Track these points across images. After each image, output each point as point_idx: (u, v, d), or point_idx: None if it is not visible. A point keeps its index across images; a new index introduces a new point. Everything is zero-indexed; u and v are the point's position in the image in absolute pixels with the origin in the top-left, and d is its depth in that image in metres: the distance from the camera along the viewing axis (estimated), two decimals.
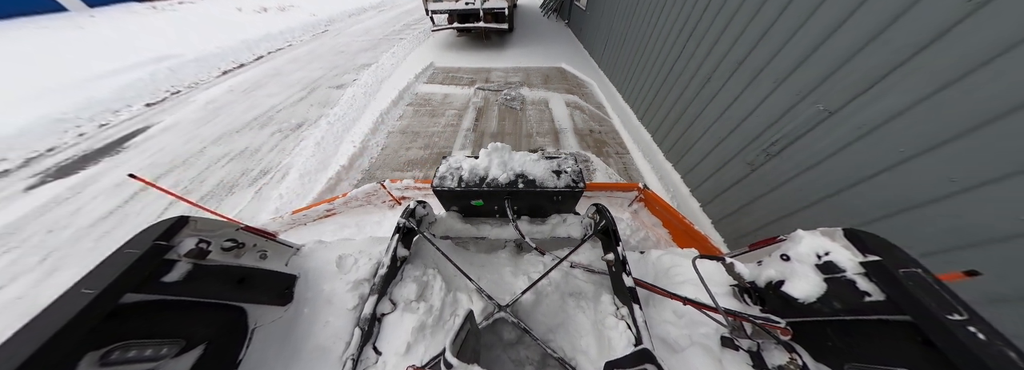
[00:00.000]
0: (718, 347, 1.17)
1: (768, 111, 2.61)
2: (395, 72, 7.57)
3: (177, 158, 4.87)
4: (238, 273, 1.23)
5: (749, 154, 2.82)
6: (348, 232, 2.95)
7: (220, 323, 1.20)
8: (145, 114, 6.14)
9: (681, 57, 3.90)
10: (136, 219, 3.79)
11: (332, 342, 1.30)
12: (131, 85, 6.78)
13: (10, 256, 3.27)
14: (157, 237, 1.01)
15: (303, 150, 4.86)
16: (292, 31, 11.44)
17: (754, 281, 1.24)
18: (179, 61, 8.04)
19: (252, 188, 4.19)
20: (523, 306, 1.53)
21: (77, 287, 0.84)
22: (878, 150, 1.87)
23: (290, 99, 6.60)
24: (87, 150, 5.06)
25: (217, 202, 4.04)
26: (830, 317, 1.01)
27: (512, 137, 5.10)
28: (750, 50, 2.78)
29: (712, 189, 3.35)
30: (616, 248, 1.42)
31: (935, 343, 0.74)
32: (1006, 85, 1.41)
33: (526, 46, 9.38)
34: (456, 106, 6.03)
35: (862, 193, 1.99)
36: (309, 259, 1.55)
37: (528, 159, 1.76)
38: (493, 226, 1.93)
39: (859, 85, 1.96)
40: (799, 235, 1.13)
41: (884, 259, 0.90)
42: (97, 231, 3.59)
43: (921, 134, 1.70)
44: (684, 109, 3.83)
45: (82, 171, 4.58)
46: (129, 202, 4.00)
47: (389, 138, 5.08)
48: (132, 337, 0.94)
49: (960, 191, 1.57)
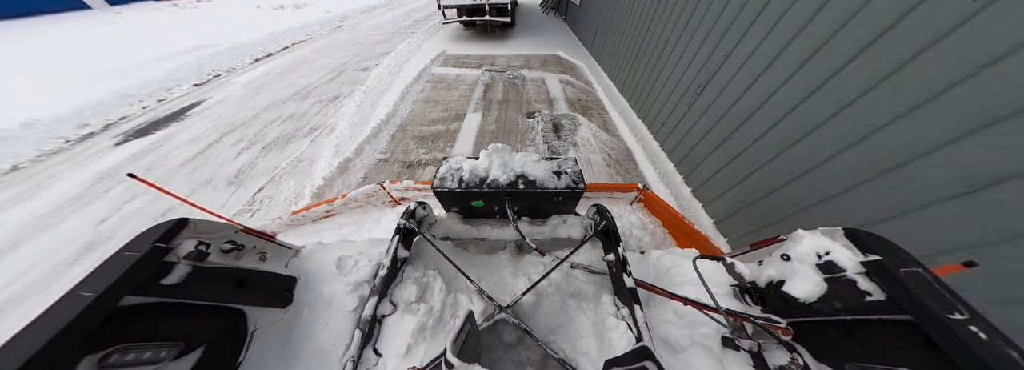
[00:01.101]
0: (719, 347, 1.17)
1: (695, 64, 3.75)
2: (412, 58, 8.62)
3: (236, 121, 5.90)
4: (237, 275, 1.23)
5: (687, 96, 3.96)
6: (347, 231, 2.95)
7: (219, 325, 1.19)
8: (195, 92, 7.22)
9: (648, 35, 5.06)
10: (216, 161, 4.85)
11: (332, 344, 1.30)
12: (178, 68, 7.84)
13: (118, 190, 4.29)
14: (156, 239, 1.00)
15: (346, 112, 6.01)
16: (310, 26, 12.33)
17: (755, 281, 1.24)
18: (216, 50, 9.11)
19: (307, 138, 5.26)
20: (524, 307, 1.53)
21: (75, 290, 0.83)
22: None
23: (322, 79, 7.69)
24: (154, 118, 6.15)
25: (280, 149, 5.07)
26: (831, 317, 1.01)
27: (515, 104, 6.24)
28: (688, 21, 3.92)
29: (665, 130, 4.50)
30: (616, 249, 1.42)
31: (936, 342, 0.74)
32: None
33: (526, 38, 10.50)
34: (467, 83, 7.12)
35: (759, 119, 2.86)
36: (309, 261, 1.54)
37: (528, 160, 1.76)
38: (493, 227, 1.93)
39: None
40: (799, 235, 1.13)
41: (885, 259, 0.90)
42: (186, 169, 4.65)
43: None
44: (648, 73, 5.04)
45: (157, 132, 5.64)
46: (206, 150, 5.09)
47: (414, 104, 6.18)
48: (131, 340, 0.94)
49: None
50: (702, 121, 3.64)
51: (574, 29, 10.69)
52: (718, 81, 3.36)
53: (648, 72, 5.01)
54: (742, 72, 3.02)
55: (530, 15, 13.45)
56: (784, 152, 2.55)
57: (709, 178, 3.51)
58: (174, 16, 13.17)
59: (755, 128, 2.86)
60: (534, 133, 5.22)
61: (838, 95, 2.14)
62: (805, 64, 2.36)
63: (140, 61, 8.18)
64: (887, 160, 1.87)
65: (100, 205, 3.99)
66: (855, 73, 2.04)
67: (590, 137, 4.92)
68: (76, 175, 4.51)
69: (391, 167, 4.39)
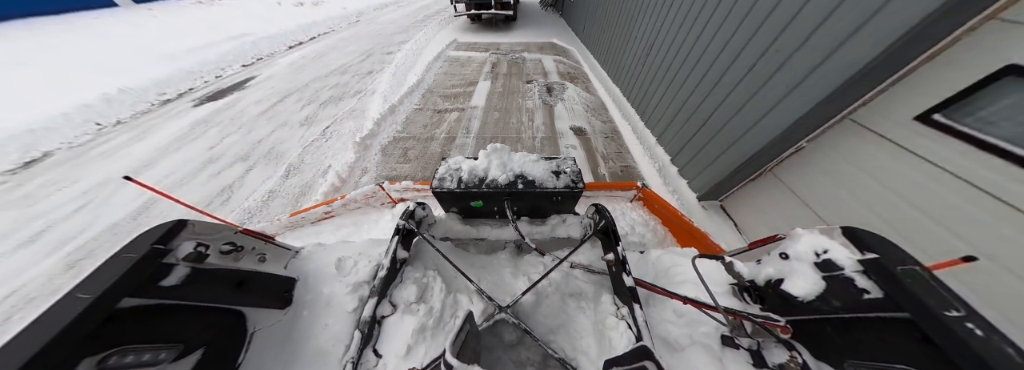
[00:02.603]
0: (719, 346, 1.17)
1: (646, 38, 5.26)
2: (429, 45, 10.09)
3: (290, 89, 7.19)
4: (237, 276, 1.22)
5: (639, 58, 5.51)
6: (346, 232, 2.94)
7: (219, 327, 1.19)
8: (245, 71, 8.51)
9: (619, 21, 6.53)
10: (284, 113, 6.11)
11: (332, 345, 1.30)
12: (227, 53, 9.13)
13: (215, 130, 5.61)
14: (155, 241, 1.00)
15: (383, 80, 7.46)
16: (331, 20, 13.54)
17: (753, 280, 1.24)
18: (254, 38, 10.34)
19: (354, 98, 6.67)
20: (523, 307, 1.53)
21: (73, 292, 0.83)
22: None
23: (355, 60, 9.07)
24: (218, 88, 7.36)
25: (334, 105, 6.37)
26: (830, 315, 1.01)
27: (517, 75, 7.78)
28: (639, 9, 5.55)
29: (629, 84, 6.00)
30: (616, 248, 1.42)
31: (934, 340, 0.75)
32: None
33: (526, 29, 12.24)
34: (477, 62, 8.73)
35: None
36: (308, 262, 1.54)
37: (527, 160, 1.76)
38: (493, 227, 1.93)
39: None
40: (798, 233, 1.14)
41: (882, 257, 0.91)
42: (263, 118, 5.96)
43: None
44: (619, 48, 6.55)
45: (226, 98, 6.85)
46: (274, 107, 6.36)
47: (437, 76, 7.70)
48: (129, 342, 0.93)
49: None
50: (648, 73, 5.12)
51: (569, 22, 12.28)
52: (656, 45, 4.83)
53: (619, 47, 6.51)
54: (668, 40, 4.46)
55: (530, 12, 15.23)
56: (696, 90, 3.77)
57: (659, 114, 4.72)
58: (202, 12, 14.27)
59: (681, 75, 4.11)
60: (532, 93, 6.84)
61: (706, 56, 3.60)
62: (701, 35, 3.69)
63: (192, 47, 9.41)
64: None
65: (202, 141, 5.30)
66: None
67: (574, 95, 6.66)
68: (172, 125, 5.81)
69: (425, 113, 5.97)
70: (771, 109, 2.66)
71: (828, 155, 2.51)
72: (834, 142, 2.46)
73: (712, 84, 3.43)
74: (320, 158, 4.72)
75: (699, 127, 3.66)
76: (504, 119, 5.78)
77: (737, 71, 3.05)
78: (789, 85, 2.48)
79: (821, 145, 2.55)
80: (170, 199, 1.83)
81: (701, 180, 3.63)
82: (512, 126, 5.54)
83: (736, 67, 3.07)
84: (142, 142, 5.27)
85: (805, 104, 2.36)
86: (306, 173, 4.41)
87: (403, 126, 5.47)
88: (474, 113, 5.96)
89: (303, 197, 3.97)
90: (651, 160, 4.58)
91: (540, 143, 5.04)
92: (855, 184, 2.31)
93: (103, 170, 4.55)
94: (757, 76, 2.81)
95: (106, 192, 4.11)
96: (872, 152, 2.21)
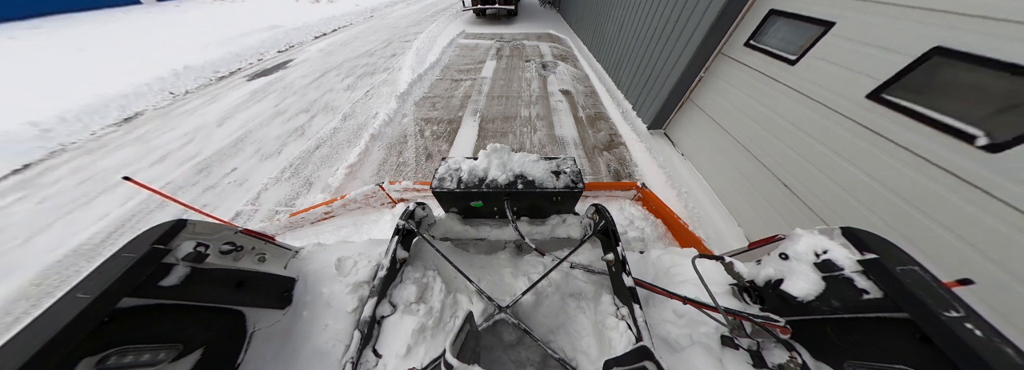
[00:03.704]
0: (718, 346, 1.17)
1: (616, 21, 6.90)
2: (441, 35, 11.72)
3: (328, 67, 8.68)
4: (236, 276, 1.22)
5: (614, 35, 7.00)
6: (346, 232, 2.94)
7: (218, 327, 1.19)
8: (281, 56, 9.93)
9: (599, 11, 8.21)
10: (328, 83, 7.48)
11: (331, 345, 1.30)
12: (263, 41, 10.54)
13: (273, 95, 6.96)
14: (155, 241, 1.00)
15: (407, 59, 8.95)
16: (348, 15, 15.16)
17: (753, 280, 1.25)
18: (284, 29, 11.86)
19: (385, 73, 8.12)
20: (523, 307, 1.53)
21: (73, 292, 0.83)
22: None
23: (378, 46, 10.62)
24: (263, 68, 8.79)
25: (369, 77, 7.81)
26: (829, 315, 1.01)
27: (518, 57, 9.40)
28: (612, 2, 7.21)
29: (605, 57, 7.70)
30: (616, 248, 1.42)
31: (932, 340, 0.75)
32: None
33: (526, 23, 14.02)
34: (484, 47, 10.42)
35: None
36: (308, 262, 1.54)
37: (527, 160, 1.76)
38: (493, 227, 1.93)
39: None
40: (797, 234, 1.14)
41: (882, 257, 0.91)
42: (311, 87, 7.31)
43: None
44: (599, 32, 8.24)
45: (272, 74, 8.25)
46: (317, 79, 7.76)
47: (451, 58, 9.31)
48: (129, 342, 0.93)
49: None
50: (619, 46, 6.67)
51: (564, 16, 14.14)
52: (625, 24, 6.35)
53: (600, 29, 8.15)
54: (631, 19, 6.00)
55: (531, 9, 17.31)
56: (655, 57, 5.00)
57: (626, 74, 6.20)
58: (226, 8, 15.84)
59: (638, 42, 5.61)
60: (529, 68, 8.49)
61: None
62: (648, 10, 5.25)
63: (230, 36, 10.85)
64: None
65: (266, 102, 6.62)
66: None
67: (564, 70, 8.35)
68: (234, 93, 7.17)
69: (445, 81, 7.50)
70: (680, 53, 4.10)
71: (717, 81, 3.80)
72: (717, 71, 3.79)
73: (653, 42, 4.98)
74: (368, 109, 6.16)
75: (648, 77, 5.13)
76: (507, 85, 7.32)
77: (665, 30, 4.56)
78: (686, 35, 3.97)
79: (712, 74, 3.89)
80: (171, 200, 1.82)
81: (647, 113, 5.07)
82: (514, 89, 7.08)
83: (663, 28, 4.61)
84: (215, 104, 6.63)
85: (693, 46, 3.79)
86: (359, 118, 5.85)
87: (429, 89, 7.04)
88: (484, 81, 7.51)
89: (360, 130, 5.36)
90: (617, 107, 6.19)
91: (535, 99, 6.60)
92: (735, 98, 3.47)
93: (193, 121, 5.90)
94: (673, 32, 4.32)
95: (202, 134, 5.46)
96: (736, 74, 3.48)
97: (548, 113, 5.95)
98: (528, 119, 5.74)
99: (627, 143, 4.97)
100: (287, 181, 4.18)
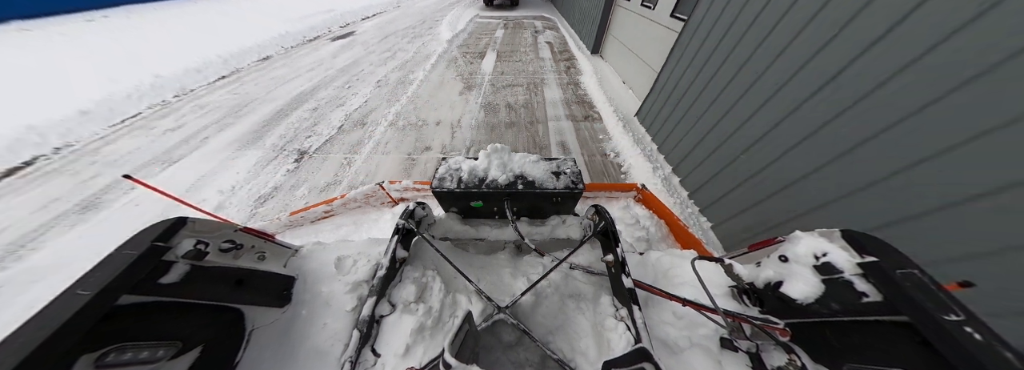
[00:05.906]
0: (717, 348, 1.17)
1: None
2: (462, 16, 16.67)
3: (385, 34, 13.13)
4: (236, 275, 1.22)
5: (581, 9, 12.12)
6: (346, 231, 2.94)
7: (217, 325, 1.19)
8: (343, 30, 14.20)
9: None
10: (391, 43, 12.00)
11: (330, 344, 1.29)
12: (325, 20, 14.62)
13: (358, 47, 11.55)
14: (155, 238, 1.00)
15: (441, 30, 13.85)
16: (379, 5, 19.44)
17: (753, 282, 1.24)
18: (338, 12, 16.05)
19: (428, 36, 12.99)
20: (522, 308, 1.53)
21: (72, 288, 0.83)
22: None
23: (416, 23, 15.41)
24: (337, 35, 13.13)
25: (419, 39, 12.57)
26: (828, 318, 1.01)
27: (519, 28, 14.30)
28: None
29: (578, 27, 12.41)
30: (615, 249, 1.42)
31: (932, 343, 0.75)
32: None
33: (527, 10, 19.36)
34: (494, 24, 15.15)
35: None
36: (308, 261, 1.54)
37: (527, 160, 1.76)
38: (492, 227, 1.93)
39: None
40: (797, 236, 1.14)
41: (882, 260, 0.91)
42: (382, 45, 11.80)
43: None
44: (575, 10, 13.04)
45: (346, 39, 12.64)
46: (382, 40, 12.31)
47: (472, 28, 14.40)
48: (128, 339, 0.93)
49: None
50: (578, 13, 12.22)
51: (556, 5, 19.25)
52: (579, 2, 11.97)
53: (572, 8, 13.40)
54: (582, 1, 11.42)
55: (530, 1, 22.69)
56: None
57: (578, 24, 12.12)
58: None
59: (586, 13, 11.03)
60: (526, 33, 13.45)
61: None
62: None
63: (302, 15, 15.12)
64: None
65: (354, 50, 11.01)
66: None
67: (550, 35, 13.21)
68: (327, 47, 11.43)
69: (471, 40, 12.30)
70: (599, 10, 9.06)
71: (619, 19, 8.39)
72: (617, 15, 8.57)
73: (590, 8, 10.05)
74: (426, 52, 10.64)
75: (587, 25, 10.33)
76: (512, 41, 12.16)
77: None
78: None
79: (616, 15, 8.61)
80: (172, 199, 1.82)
81: (588, 41, 10.14)
82: (516, 43, 11.84)
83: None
84: (318, 52, 10.84)
85: (601, 4, 8.88)
86: (424, 53, 10.51)
87: (462, 42, 11.90)
88: (497, 39, 12.43)
89: (428, 57, 9.96)
90: (577, 48, 11.16)
91: (529, 45, 11.54)
92: (632, 30, 7.34)
93: (312, 57, 10.25)
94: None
95: (325, 63, 9.70)
96: (626, 14, 7.83)
97: (536, 50, 11.08)
98: (524, 52, 10.74)
99: (577, 59, 10.04)
100: (397, 71, 8.85)
